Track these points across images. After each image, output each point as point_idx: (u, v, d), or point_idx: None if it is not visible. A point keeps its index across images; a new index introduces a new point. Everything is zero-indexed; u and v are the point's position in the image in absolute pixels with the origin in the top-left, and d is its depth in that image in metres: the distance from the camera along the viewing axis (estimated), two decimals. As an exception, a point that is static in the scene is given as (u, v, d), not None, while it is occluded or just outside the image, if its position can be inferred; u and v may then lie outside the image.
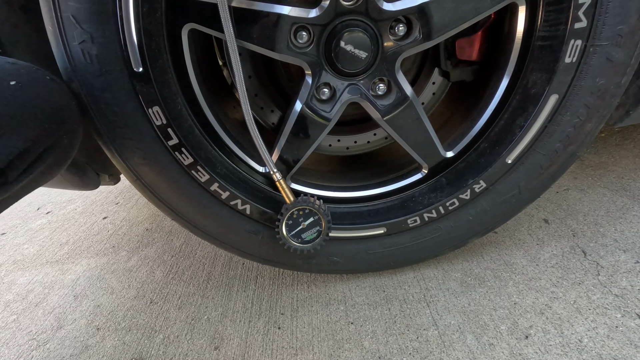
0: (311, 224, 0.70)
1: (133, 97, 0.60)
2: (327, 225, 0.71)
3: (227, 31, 0.57)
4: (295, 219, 0.70)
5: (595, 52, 0.61)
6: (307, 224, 0.70)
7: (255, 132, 0.64)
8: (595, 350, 0.62)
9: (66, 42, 0.55)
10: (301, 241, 0.71)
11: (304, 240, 0.71)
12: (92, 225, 1.30)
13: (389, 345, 0.69)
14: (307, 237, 0.71)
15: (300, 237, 0.71)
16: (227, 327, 0.79)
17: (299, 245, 0.72)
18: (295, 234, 0.71)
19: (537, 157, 0.71)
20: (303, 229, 0.70)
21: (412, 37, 0.65)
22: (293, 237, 0.71)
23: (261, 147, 0.66)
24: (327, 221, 0.71)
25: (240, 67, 0.60)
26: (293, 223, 0.70)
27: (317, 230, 0.71)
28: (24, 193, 0.62)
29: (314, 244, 0.72)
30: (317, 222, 0.70)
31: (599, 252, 0.82)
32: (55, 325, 0.87)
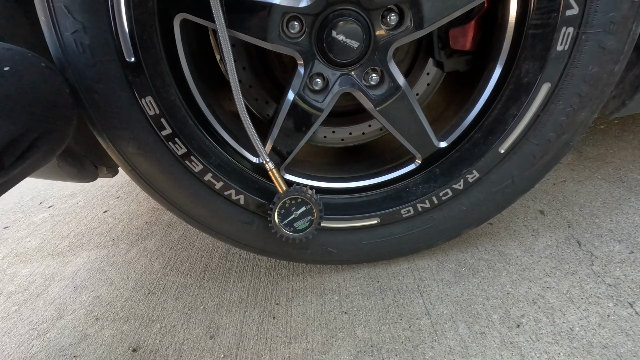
0: (303, 213, 0.71)
1: (126, 87, 0.60)
2: (319, 215, 0.72)
3: (217, 20, 0.57)
4: (287, 208, 0.71)
5: (588, 40, 0.60)
6: (299, 213, 0.71)
7: (247, 121, 0.65)
8: (586, 339, 0.62)
9: (59, 32, 0.56)
10: (293, 230, 0.72)
11: (296, 229, 0.72)
12: (92, 218, 1.31)
13: (382, 334, 0.70)
14: (299, 226, 0.72)
15: (293, 226, 0.72)
16: (223, 317, 0.80)
17: (291, 234, 0.72)
18: (287, 222, 0.72)
19: (531, 147, 0.71)
20: (295, 217, 0.71)
21: (404, 26, 0.65)
22: (285, 225, 0.72)
23: (253, 136, 0.66)
24: (319, 210, 0.71)
25: (231, 54, 0.61)
26: (285, 212, 0.71)
27: (309, 220, 0.72)
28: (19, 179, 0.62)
29: (306, 233, 0.72)
30: (309, 211, 0.71)
31: (593, 243, 0.82)
32: (56, 315, 0.89)
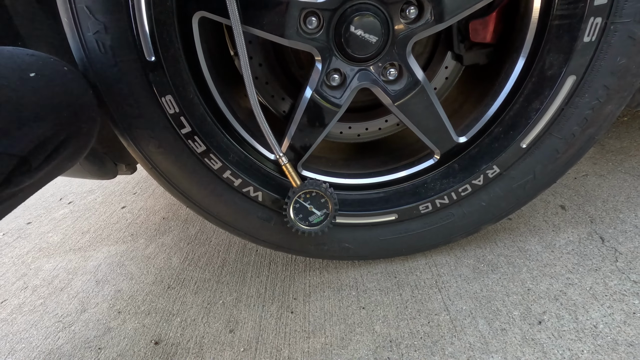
0: (318, 206, 0.71)
1: (146, 86, 0.61)
2: (334, 208, 0.72)
3: (232, 17, 0.57)
4: (302, 202, 0.72)
5: (617, 30, 0.58)
6: (314, 206, 0.71)
7: (261, 116, 0.65)
8: (611, 336, 0.61)
9: (81, 33, 0.57)
10: (309, 224, 0.73)
11: (311, 223, 0.73)
12: (111, 214, 1.34)
13: (400, 330, 0.70)
14: (314, 219, 0.72)
15: (308, 220, 0.73)
16: (242, 311, 0.81)
17: (307, 227, 0.73)
18: (302, 217, 0.72)
19: (554, 141, 0.69)
20: (310, 211, 0.72)
21: (423, 19, 0.64)
22: (301, 220, 0.73)
23: (266, 131, 0.66)
24: (333, 203, 0.72)
25: (245, 51, 0.60)
26: (300, 206, 0.72)
27: (324, 213, 0.72)
28: (46, 180, 0.64)
29: (322, 227, 0.73)
30: (324, 204, 0.72)
31: (617, 239, 0.80)
32: (80, 308, 0.92)
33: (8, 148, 0.51)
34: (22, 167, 0.54)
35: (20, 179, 0.58)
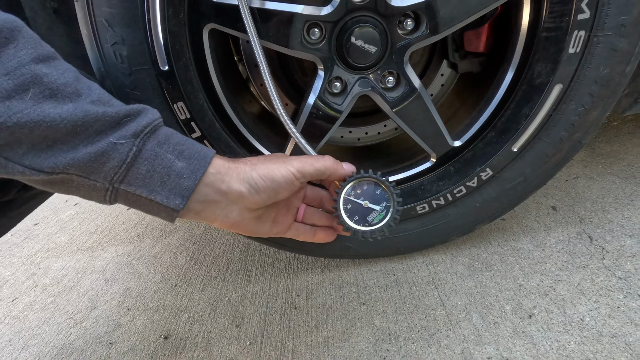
0: (375, 200, 0.58)
1: (160, 93, 0.65)
2: (396, 195, 0.58)
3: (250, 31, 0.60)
4: (354, 200, 0.58)
5: (599, 42, 0.62)
6: (370, 201, 0.58)
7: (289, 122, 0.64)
8: (596, 329, 0.65)
9: (99, 44, 0.60)
10: (369, 224, 0.59)
11: (372, 223, 0.59)
12: (117, 215, 1.38)
13: (399, 324, 0.74)
14: (374, 218, 0.59)
15: (367, 220, 0.59)
16: (247, 308, 0.85)
17: (368, 229, 0.59)
18: (359, 218, 0.59)
19: (543, 145, 0.73)
20: (367, 209, 0.58)
21: (419, 31, 0.68)
22: (358, 222, 0.59)
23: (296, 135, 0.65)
24: (393, 191, 0.59)
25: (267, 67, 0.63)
26: (353, 205, 0.59)
27: (385, 206, 0.59)
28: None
29: (386, 223, 0.59)
30: (381, 196, 0.59)
31: (605, 238, 0.84)
32: (90, 305, 0.95)
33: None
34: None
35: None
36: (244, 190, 0.48)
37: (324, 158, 0.57)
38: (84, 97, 0.40)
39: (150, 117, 0.44)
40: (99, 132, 0.40)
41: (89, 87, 0.42)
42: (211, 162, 0.47)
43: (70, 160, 0.38)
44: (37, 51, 0.39)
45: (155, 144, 0.43)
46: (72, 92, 0.39)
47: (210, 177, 0.46)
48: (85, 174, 0.39)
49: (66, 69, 0.42)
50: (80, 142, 0.38)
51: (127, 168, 0.41)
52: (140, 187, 0.42)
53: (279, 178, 0.51)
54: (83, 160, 0.38)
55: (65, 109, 0.38)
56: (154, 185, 0.43)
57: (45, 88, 0.37)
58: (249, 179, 0.49)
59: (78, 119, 0.38)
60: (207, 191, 0.47)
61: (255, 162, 0.52)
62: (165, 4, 0.59)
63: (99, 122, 0.40)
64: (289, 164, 0.52)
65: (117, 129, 0.41)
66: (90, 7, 0.58)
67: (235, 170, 0.49)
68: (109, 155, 0.40)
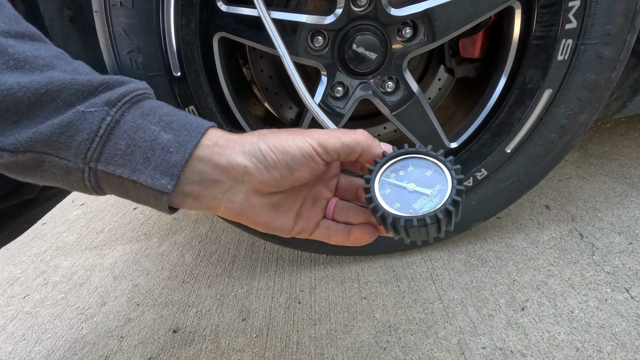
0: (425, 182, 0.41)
1: (172, 98, 0.68)
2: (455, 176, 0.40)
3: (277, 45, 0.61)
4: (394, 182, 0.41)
5: (586, 50, 0.67)
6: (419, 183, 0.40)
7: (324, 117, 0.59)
8: (585, 320, 0.69)
9: (116, 52, 0.64)
10: (414, 212, 0.39)
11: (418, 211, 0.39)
12: (124, 215, 1.41)
13: (398, 317, 0.77)
14: (423, 205, 0.39)
15: (412, 208, 0.39)
16: (253, 302, 0.88)
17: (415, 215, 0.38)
18: (401, 205, 0.40)
19: (535, 147, 0.77)
20: (413, 192, 0.40)
21: (417, 39, 0.72)
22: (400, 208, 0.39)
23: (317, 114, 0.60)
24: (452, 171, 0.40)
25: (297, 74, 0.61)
26: (393, 189, 0.41)
27: (439, 191, 0.40)
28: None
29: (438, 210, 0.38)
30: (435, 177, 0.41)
31: (595, 235, 0.88)
32: (100, 302, 0.98)
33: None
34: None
35: (61, 180, 0.65)
36: (249, 164, 0.37)
37: (354, 132, 0.41)
38: (57, 69, 0.35)
39: (132, 86, 0.37)
40: (67, 102, 0.34)
41: (69, 63, 0.36)
42: (206, 133, 0.37)
43: (32, 134, 0.33)
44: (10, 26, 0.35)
45: (137, 114, 0.36)
46: (45, 64, 0.34)
47: (205, 150, 0.37)
48: (54, 151, 0.34)
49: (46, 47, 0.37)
50: (45, 114, 0.33)
51: (101, 143, 0.34)
52: (121, 165, 0.35)
53: (294, 150, 0.38)
54: (46, 132, 0.33)
55: (28, 78, 0.33)
56: (136, 163, 0.35)
57: (9, 59, 0.33)
58: (255, 151, 0.37)
59: (40, 86, 0.33)
60: (203, 168, 0.37)
61: (265, 132, 0.40)
62: (179, 15, 0.62)
63: (67, 90, 0.34)
64: (308, 136, 0.39)
65: (89, 98, 0.35)
66: (108, 17, 0.61)
67: (239, 142, 0.38)
68: (77, 125, 0.33)
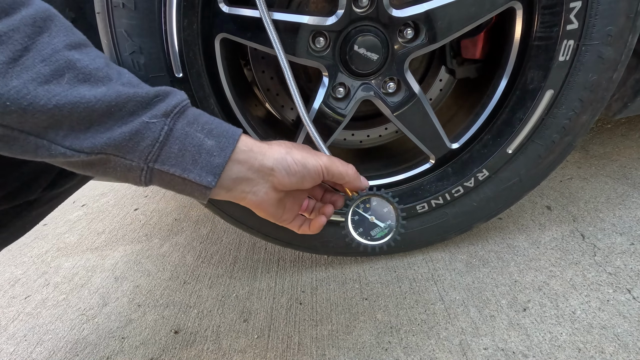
0: (381, 217, 0.60)
1: (174, 99, 0.68)
2: (400, 217, 0.60)
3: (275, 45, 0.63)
4: (361, 213, 0.60)
5: (587, 51, 0.67)
6: (376, 217, 0.60)
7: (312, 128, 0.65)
8: (587, 321, 0.69)
9: (119, 53, 0.64)
10: (371, 238, 0.61)
11: (374, 238, 0.61)
12: (125, 216, 1.41)
13: (400, 318, 0.77)
14: (377, 233, 0.61)
15: (370, 235, 0.61)
16: (254, 303, 0.88)
17: (370, 242, 0.61)
18: (363, 230, 0.61)
19: (536, 147, 0.77)
20: (372, 224, 0.60)
21: (419, 40, 0.72)
22: (361, 234, 0.61)
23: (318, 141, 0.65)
24: (398, 212, 0.60)
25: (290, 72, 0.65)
26: (360, 218, 0.60)
27: (389, 225, 0.60)
28: (83, 182, 0.72)
29: (388, 241, 0.61)
30: (387, 214, 0.60)
31: (596, 236, 0.88)
32: (101, 302, 0.98)
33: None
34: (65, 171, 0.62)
35: (63, 181, 0.65)
36: (276, 169, 0.50)
37: (348, 165, 0.58)
38: (115, 80, 0.42)
39: (178, 98, 0.46)
40: (131, 112, 0.42)
41: (119, 72, 0.44)
42: (240, 140, 0.49)
43: (107, 140, 0.40)
44: (70, 38, 0.41)
45: (185, 123, 0.45)
46: (104, 76, 0.42)
47: (242, 155, 0.48)
48: (122, 154, 0.41)
49: (97, 55, 0.44)
50: (115, 122, 0.41)
51: (160, 147, 0.43)
52: (174, 166, 0.44)
53: (311, 167, 0.53)
54: (119, 139, 0.41)
55: (99, 91, 0.40)
56: (187, 164, 0.44)
57: (79, 72, 0.40)
58: (283, 161, 0.51)
59: (112, 99, 0.40)
60: (239, 168, 0.48)
61: (290, 146, 0.54)
62: (181, 16, 0.63)
63: (131, 102, 0.42)
64: (319, 158, 0.54)
65: (149, 109, 0.43)
66: (111, 19, 0.61)
67: (270, 150, 0.51)
68: (143, 134, 0.42)
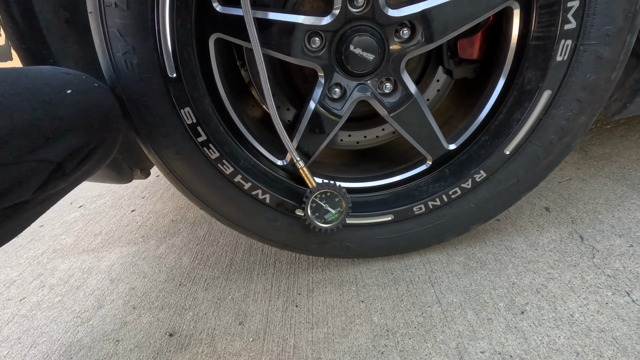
0: (333, 205, 0.79)
1: (168, 99, 0.68)
2: (347, 206, 0.79)
3: (253, 41, 0.64)
4: (318, 202, 0.79)
5: (585, 51, 0.66)
6: (330, 205, 0.79)
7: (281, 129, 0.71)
8: (585, 324, 0.68)
9: (111, 53, 0.64)
10: (324, 221, 0.80)
11: (327, 221, 0.80)
12: (121, 217, 1.41)
13: (396, 320, 0.76)
14: (329, 217, 0.80)
15: (324, 218, 0.80)
16: (250, 306, 0.87)
17: (323, 225, 0.80)
18: (319, 215, 0.79)
19: (534, 148, 0.77)
20: (326, 210, 0.79)
21: (415, 40, 0.71)
22: (317, 218, 0.80)
23: (286, 141, 0.72)
24: (347, 202, 0.79)
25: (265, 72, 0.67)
26: (317, 205, 0.79)
27: (339, 211, 0.79)
28: (75, 184, 0.71)
29: (337, 224, 0.80)
30: (338, 203, 0.79)
31: (595, 237, 0.87)
32: (96, 305, 0.98)
33: (48, 155, 0.58)
34: (57, 172, 0.61)
35: (55, 182, 0.65)
36: None
37: None
38: None
39: None
40: None
41: None
42: None
43: None
44: None
45: None
46: None
47: None
48: None
49: None
50: None
51: None
52: None
53: None
54: None
55: None
56: None
57: None
58: None
59: None
60: None
61: None
62: (175, 16, 0.62)
63: None
64: None
65: None
66: (103, 18, 0.61)
67: None
68: None
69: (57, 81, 0.59)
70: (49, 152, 0.58)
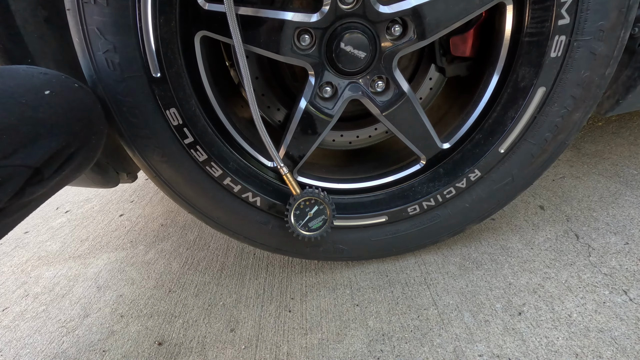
0: (317, 212, 0.76)
1: (152, 100, 0.65)
2: (332, 214, 0.77)
3: (235, 38, 0.62)
4: (302, 209, 0.76)
5: (579, 47, 0.65)
6: (313, 213, 0.76)
7: (263, 130, 0.70)
8: (584, 324, 0.67)
9: (91, 52, 0.61)
10: (309, 229, 0.78)
11: (311, 229, 0.78)
12: (109, 222, 1.37)
13: (392, 324, 0.75)
14: (314, 225, 0.77)
15: (308, 226, 0.77)
16: (242, 312, 0.85)
17: (307, 233, 0.77)
18: (303, 223, 0.77)
19: (528, 146, 0.75)
20: (310, 217, 0.76)
21: (407, 37, 0.70)
22: (301, 226, 0.77)
23: (269, 145, 0.71)
24: (331, 210, 0.77)
25: (247, 70, 0.65)
26: (300, 213, 0.76)
27: (323, 219, 0.77)
28: (55, 190, 0.68)
29: (321, 232, 0.78)
30: (322, 211, 0.76)
31: (591, 235, 0.87)
32: (82, 313, 0.94)
33: (25, 160, 0.55)
34: (35, 178, 0.58)
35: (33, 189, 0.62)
36: None
37: None
38: None
39: None
40: None
41: None
42: None
43: None
44: None
45: None
46: None
47: None
48: None
49: None
50: None
51: None
52: None
53: None
54: None
55: None
56: None
57: None
58: None
59: None
60: None
61: None
62: (157, 13, 0.59)
63: None
64: None
65: None
66: (82, 16, 0.58)
67: None
68: None
69: (34, 82, 0.56)
70: (26, 157, 0.55)
